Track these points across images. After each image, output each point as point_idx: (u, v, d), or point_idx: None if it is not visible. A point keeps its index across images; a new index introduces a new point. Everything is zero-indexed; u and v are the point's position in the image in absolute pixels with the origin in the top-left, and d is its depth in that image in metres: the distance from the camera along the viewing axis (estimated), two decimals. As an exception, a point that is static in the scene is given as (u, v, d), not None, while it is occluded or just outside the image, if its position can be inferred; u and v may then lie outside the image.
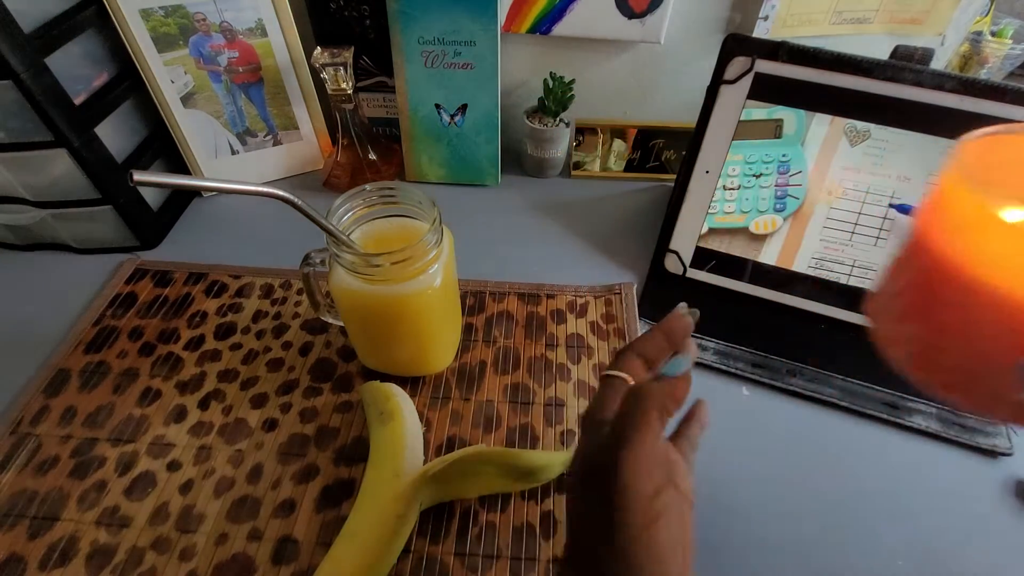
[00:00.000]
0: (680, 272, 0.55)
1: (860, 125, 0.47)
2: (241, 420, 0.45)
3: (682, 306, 0.31)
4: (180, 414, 0.45)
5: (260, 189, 0.33)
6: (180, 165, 0.64)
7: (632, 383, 0.29)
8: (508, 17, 0.61)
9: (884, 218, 0.49)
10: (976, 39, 0.67)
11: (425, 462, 0.42)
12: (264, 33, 0.60)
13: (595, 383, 0.47)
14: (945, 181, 0.23)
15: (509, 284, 0.55)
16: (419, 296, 0.39)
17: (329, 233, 0.37)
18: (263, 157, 0.67)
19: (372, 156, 0.66)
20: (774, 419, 0.46)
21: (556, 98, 0.63)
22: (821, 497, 0.41)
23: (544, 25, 0.61)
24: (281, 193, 0.33)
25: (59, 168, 0.52)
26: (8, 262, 0.59)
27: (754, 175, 0.51)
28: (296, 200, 0.34)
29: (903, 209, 0.47)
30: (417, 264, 0.38)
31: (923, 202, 0.25)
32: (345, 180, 0.66)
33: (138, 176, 0.26)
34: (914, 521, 0.40)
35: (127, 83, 0.57)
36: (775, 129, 0.49)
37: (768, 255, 0.52)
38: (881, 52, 0.47)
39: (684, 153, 0.58)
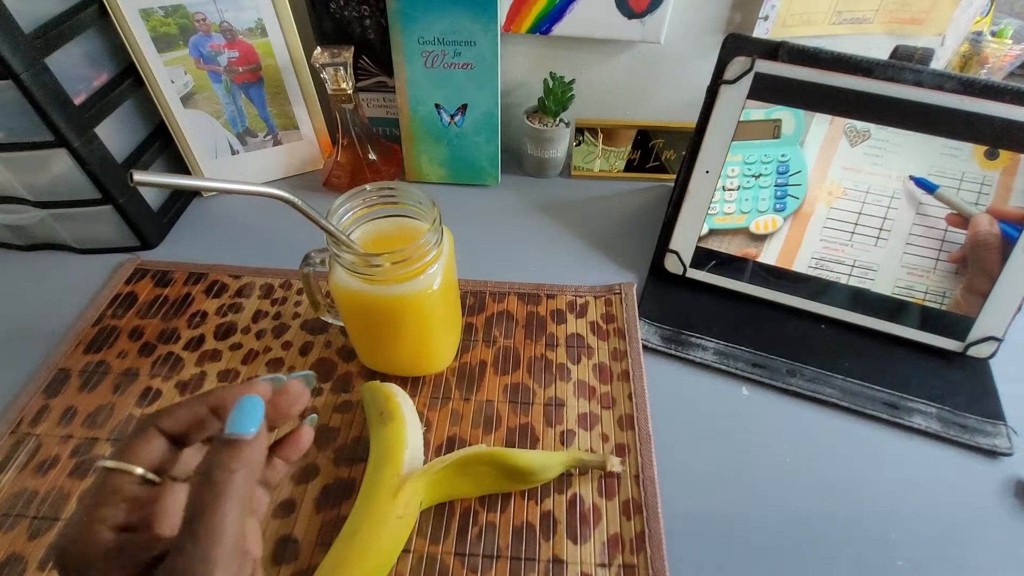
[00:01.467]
0: (680, 272, 0.55)
1: (860, 125, 0.47)
2: (241, 420, 0.45)
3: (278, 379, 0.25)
4: (180, 414, 0.45)
5: (260, 189, 0.33)
6: (180, 165, 0.64)
7: (149, 476, 0.22)
8: (508, 17, 0.61)
9: (884, 218, 0.49)
10: (976, 39, 0.67)
11: (425, 462, 0.42)
12: (264, 33, 0.60)
13: (595, 383, 0.47)
14: None
15: (509, 284, 0.55)
16: (419, 296, 0.39)
17: (329, 233, 0.37)
18: (263, 157, 0.67)
19: (372, 156, 0.66)
20: (774, 419, 0.46)
21: (556, 98, 0.63)
22: (821, 497, 0.41)
23: (544, 25, 0.61)
24: (281, 193, 0.33)
25: (59, 168, 0.52)
26: (8, 262, 0.59)
27: (754, 175, 0.51)
28: (296, 200, 0.34)
29: (921, 183, 0.47)
30: (417, 264, 0.38)
31: None
32: (345, 180, 0.66)
33: (138, 176, 0.26)
34: (914, 521, 0.40)
35: (127, 83, 0.57)
36: (774, 129, 0.49)
37: (768, 255, 0.52)
38: (881, 52, 0.47)
39: (684, 153, 0.58)
